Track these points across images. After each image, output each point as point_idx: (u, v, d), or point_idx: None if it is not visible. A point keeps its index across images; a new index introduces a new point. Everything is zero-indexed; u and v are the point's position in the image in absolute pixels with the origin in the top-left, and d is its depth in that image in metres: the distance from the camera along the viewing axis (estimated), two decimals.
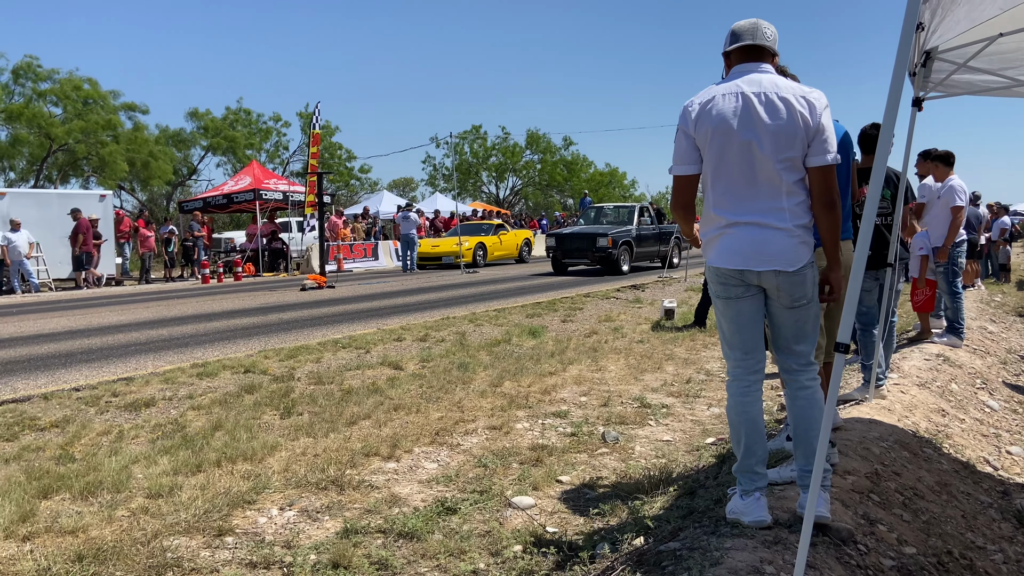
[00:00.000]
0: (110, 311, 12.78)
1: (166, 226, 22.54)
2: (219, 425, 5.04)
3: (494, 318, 10.36)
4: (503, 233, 24.63)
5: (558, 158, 51.74)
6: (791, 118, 2.77)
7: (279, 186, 24.68)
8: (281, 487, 3.97)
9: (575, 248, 18.77)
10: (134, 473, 4.14)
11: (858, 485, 3.34)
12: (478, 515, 3.62)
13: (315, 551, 3.22)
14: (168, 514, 3.56)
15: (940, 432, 4.67)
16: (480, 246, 23.28)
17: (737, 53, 2.92)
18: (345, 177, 44.03)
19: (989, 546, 3.40)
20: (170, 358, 7.87)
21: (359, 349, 8.01)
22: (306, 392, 6.04)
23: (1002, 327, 9.50)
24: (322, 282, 16.46)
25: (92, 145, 29.42)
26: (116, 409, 5.66)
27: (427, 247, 23.37)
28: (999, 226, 17.18)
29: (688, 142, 2.89)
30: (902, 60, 2.07)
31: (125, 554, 3.14)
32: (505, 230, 25.09)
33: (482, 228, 24.97)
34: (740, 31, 2.91)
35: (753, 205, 2.81)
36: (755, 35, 2.87)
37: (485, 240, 23.62)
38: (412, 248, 22.24)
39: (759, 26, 2.90)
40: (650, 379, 6.58)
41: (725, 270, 2.87)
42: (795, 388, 2.94)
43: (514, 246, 24.92)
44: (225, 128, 36.28)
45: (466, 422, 5.19)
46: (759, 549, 2.53)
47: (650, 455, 4.53)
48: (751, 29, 2.89)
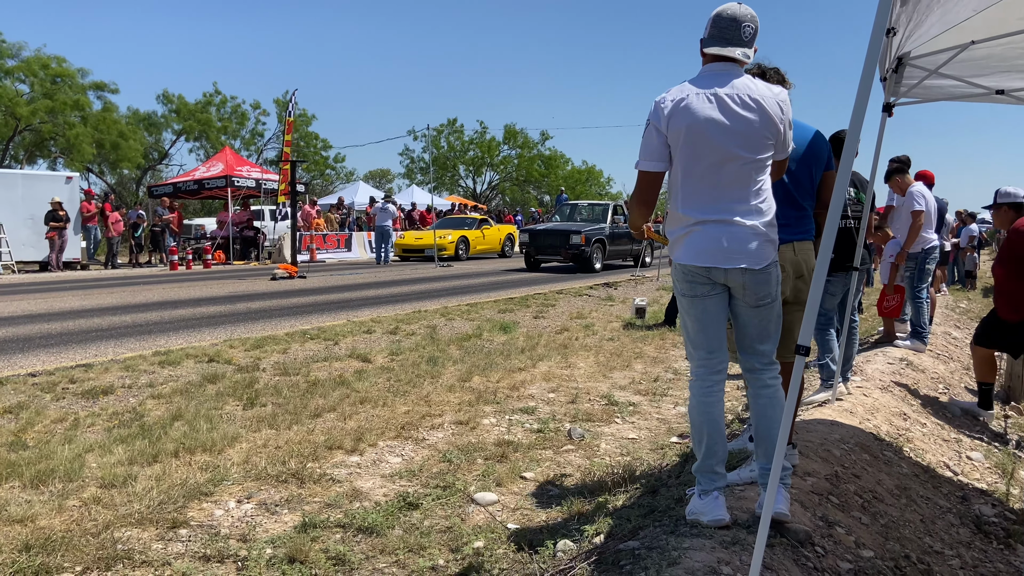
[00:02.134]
0: (73, 295, 12.52)
1: (135, 211, 22.11)
2: (179, 415, 4.93)
3: (466, 312, 10.32)
4: (486, 228, 24.89)
5: (535, 154, 51.73)
6: (764, 119, 2.77)
7: (252, 173, 24.36)
8: (240, 479, 3.89)
9: (548, 245, 18.77)
10: (88, 462, 4.03)
11: (818, 487, 3.35)
12: (440, 511, 3.58)
13: (271, 545, 3.15)
14: (121, 505, 3.47)
15: (901, 436, 4.72)
16: (463, 240, 23.48)
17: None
18: (320, 166, 43.63)
19: (947, 551, 3.44)
20: (132, 345, 7.71)
21: (327, 341, 7.92)
22: (271, 383, 5.95)
23: (966, 333, 9.66)
24: (293, 272, 16.29)
25: (59, 126, 28.80)
26: (73, 396, 5.52)
27: (411, 239, 23.43)
28: (967, 233, 17.49)
29: (659, 139, 2.87)
30: (871, 64, 2.06)
31: (74, 545, 3.06)
32: (488, 224, 25.32)
33: (465, 222, 25.24)
34: (720, 27, 2.85)
35: (721, 204, 2.81)
36: (732, 39, 2.84)
37: (468, 234, 23.84)
38: (387, 241, 22.02)
39: (740, 24, 2.82)
40: (619, 377, 6.58)
41: (692, 268, 2.86)
42: (758, 387, 2.95)
43: (497, 241, 25.01)
44: (198, 111, 35.72)
45: (433, 416, 5.15)
46: (717, 549, 2.52)
47: (615, 452, 4.52)
48: (731, 28, 2.84)
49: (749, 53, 2.86)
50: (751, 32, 2.86)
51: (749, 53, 2.86)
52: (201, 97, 36.56)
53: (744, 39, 2.84)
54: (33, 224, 19.13)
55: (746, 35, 2.85)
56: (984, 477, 4.63)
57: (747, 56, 2.85)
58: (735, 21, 2.84)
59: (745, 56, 2.84)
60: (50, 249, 19.16)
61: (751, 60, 2.88)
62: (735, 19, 2.84)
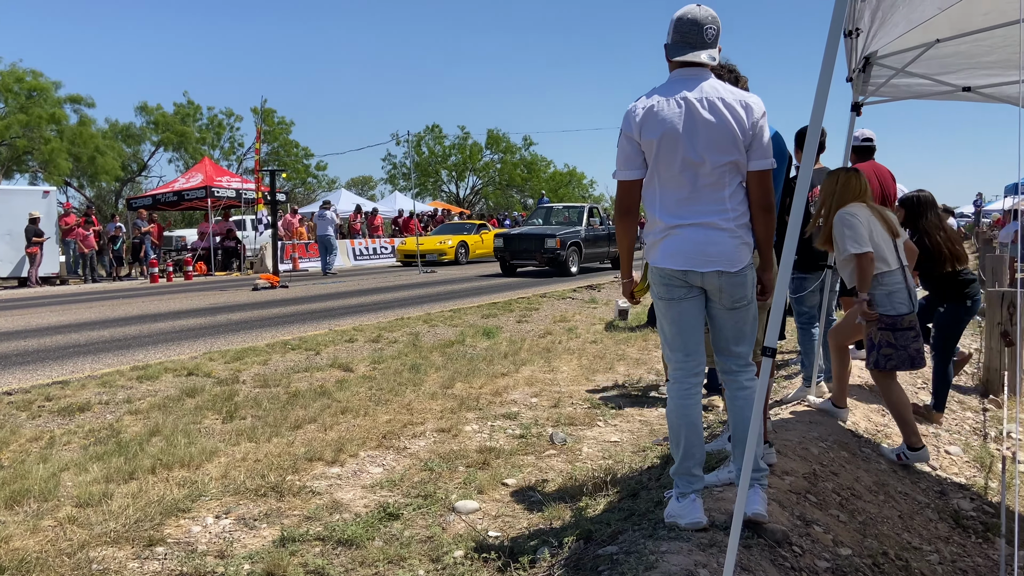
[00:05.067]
0: (50, 311, 12.37)
1: (113, 223, 21.90)
2: (156, 430, 4.88)
3: (449, 319, 10.30)
4: (485, 232, 25.35)
5: (518, 158, 51.82)
6: (733, 122, 2.79)
7: (232, 183, 24.22)
8: (218, 494, 3.85)
9: (523, 249, 18.56)
10: (63, 481, 3.98)
11: (796, 486, 3.36)
12: (420, 520, 3.56)
13: (249, 560, 3.12)
14: (97, 524, 3.43)
15: (880, 432, 4.75)
16: (462, 244, 24.03)
17: None
18: (302, 175, 43.45)
19: (925, 547, 3.46)
20: (109, 360, 7.63)
21: (309, 351, 7.87)
22: (251, 395, 5.91)
23: None
24: (275, 282, 16.19)
25: (35, 140, 28.52)
26: (49, 414, 5.45)
27: (411, 245, 23.55)
28: None
29: (632, 147, 2.88)
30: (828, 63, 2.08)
31: (49, 565, 3.02)
32: (487, 229, 25.85)
33: (464, 227, 25.83)
34: (683, 31, 2.86)
35: (697, 208, 2.83)
36: (695, 43, 2.85)
37: (467, 239, 24.43)
38: (331, 251, 21.12)
39: (702, 27, 2.84)
40: (601, 379, 6.59)
41: (668, 271, 2.87)
42: (734, 389, 2.96)
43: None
44: (176, 123, 35.49)
45: (415, 424, 5.13)
46: (694, 552, 2.53)
47: (597, 456, 4.52)
48: (693, 32, 2.85)
49: (714, 54, 2.87)
50: (713, 33, 2.87)
51: (714, 54, 2.87)
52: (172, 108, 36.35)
53: (707, 41, 2.86)
54: (11, 240, 18.90)
55: (709, 37, 2.86)
56: (963, 471, 4.67)
57: (712, 58, 2.86)
58: (696, 24, 2.86)
59: (711, 58, 2.86)
60: (30, 264, 18.95)
61: (716, 61, 2.90)
62: (696, 22, 2.86)
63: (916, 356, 4.15)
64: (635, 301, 3.46)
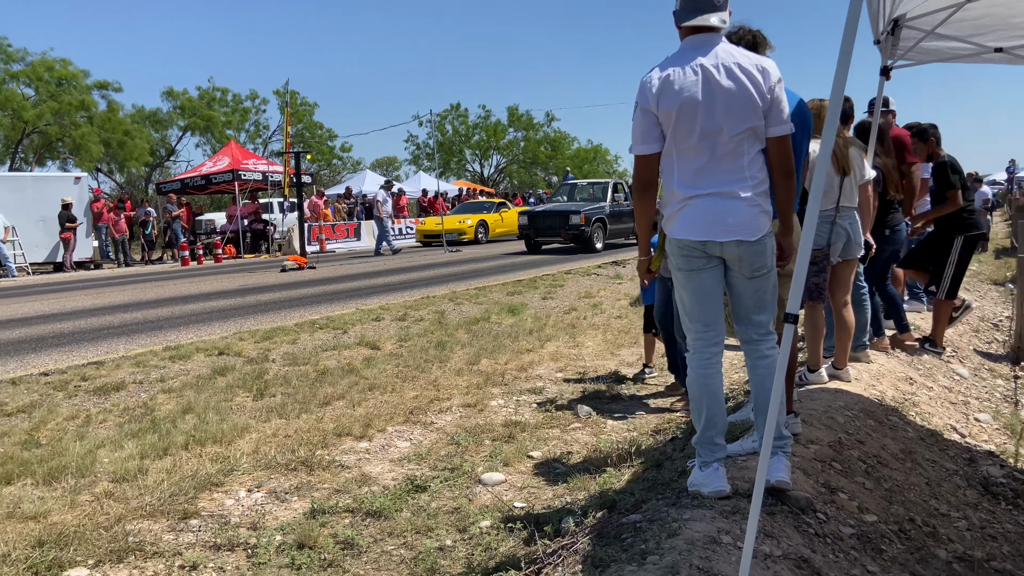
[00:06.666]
0: (85, 295, 12.64)
1: (143, 208, 22.22)
2: (189, 408, 4.99)
3: (474, 296, 10.33)
4: (504, 210, 25.05)
5: (541, 135, 51.43)
6: (751, 87, 2.75)
7: (258, 166, 24.39)
8: (250, 469, 3.94)
9: (547, 226, 18.42)
10: (100, 458, 4.10)
11: (820, 454, 3.35)
12: (447, 492, 3.62)
13: (281, 532, 3.20)
14: (132, 498, 3.53)
15: (907, 400, 4.70)
16: (482, 223, 23.68)
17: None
18: (327, 156, 43.59)
19: (953, 513, 3.43)
20: (142, 341, 7.79)
21: (336, 330, 7.96)
22: (280, 373, 6.00)
23: (976, 296, 9.58)
24: (302, 263, 16.34)
25: (65, 127, 28.94)
26: (85, 393, 5.60)
27: (431, 225, 23.47)
28: (980, 196, 17.35)
29: (649, 120, 2.84)
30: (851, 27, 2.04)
31: (87, 538, 3.12)
32: (507, 207, 25.43)
33: (484, 206, 25.42)
34: None
35: (715, 177, 2.79)
36: (704, 6, 2.78)
37: (487, 217, 24.05)
38: (386, 232, 20.97)
39: None
40: (626, 354, 6.59)
41: (688, 242, 2.85)
42: (755, 358, 2.95)
43: (515, 223, 24.94)
44: (202, 108, 35.75)
45: (441, 400, 5.18)
46: (717, 519, 2.54)
47: (621, 429, 4.54)
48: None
49: (725, 17, 2.81)
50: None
51: (725, 17, 2.81)
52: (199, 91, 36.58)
53: (717, 4, 2.79)
54: (44, 226, 19.27)
55: (719, 1, 2.81)
56: (992, 439, 4.62)
57: (723, 21, 2.81)
58: None
59: (721, 21, 2.80)
60: (64, 249, 19.33)
61: (728, 24, 2.84)
62: None
63: (813, 289, 4.28)
64: (652, 277, 3.43)
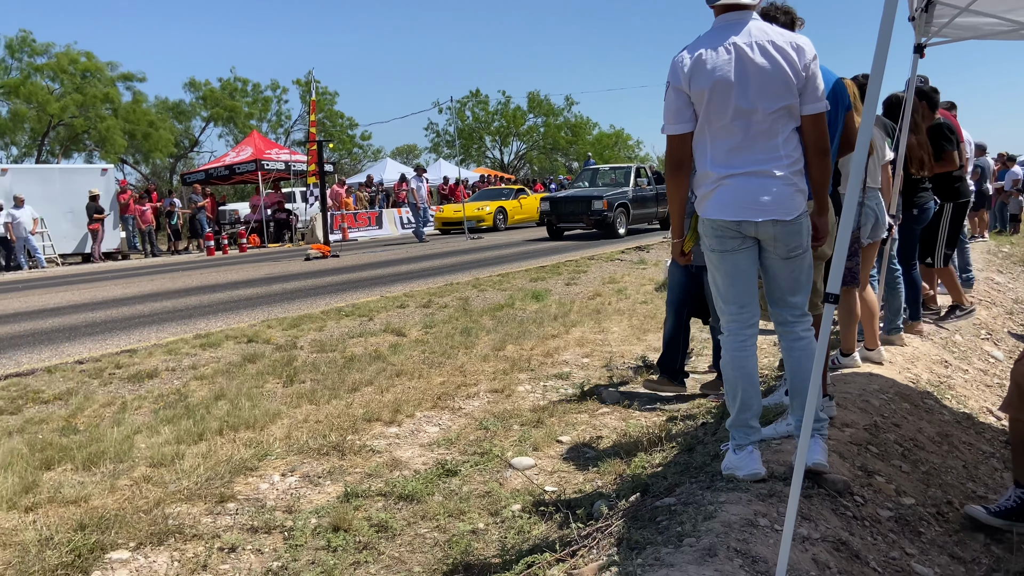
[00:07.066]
0: (115, 285, 12.82)
1: (169, 199, 22.47)
2: (221, 394, 5.06)
3: (498, 283, 10.34)
4: (523, 197, 25.02)
5: (561, 120, 51.15)
6: (786, 66, 2.71)
7: (281, 156, 24.55)
8: (283, 454, 3.99)
9: (570, 212, 18.30)
10: (137, 443, 4.17)
11: (856, 437, 3.32)
12: (478, 476, 3.63)
13: (316, 515, 3.24)
14: (170, 482, 3.59)
15: (942, 383, 4.64)
16: (500, 210, 23.71)
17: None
18: (348, 145, 43.74)
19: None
20: (173, 329, 7.89)
21: (362, 317, 8.01)
22: (309, 360, 6.06)
23: (1009, 278, 9.42)
24: (326, 251, 16.45)
25: (91, 119, 29.27)
26: (119, 381, 5.69)
27: (449, 212, 23.51)
28: (1010, 177, 17.00)
29: (681, 99, 2.82)
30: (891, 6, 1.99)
31: (127, 521, 3.17)
32: (525, 194, 25.41)
33: (502, 192, 25.47)
34: None
35: (749, 156, 2.76)
36: None
37: (505, 204, 24.10)
38: (419, 217, 20.88)
39: None
40: (653, 339, 6.56)
41: (722, 222, 2.82)
42: (791, 340, 2.92)
43: (534, 209, 24.82)
44: (224, 98, 35.99)
45: (468, 386, 5.20)
46: (753, 502, 2.52)
47: (650, 414, 4.52)
48: None
49: None
50: None
51: None
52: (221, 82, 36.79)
53: None
54: (73, 217, 19.56)
55: None
56: None
57: None
58: None
59: None
60: (92, 240, 19.62)
61: (759, 1, 2.80)
62: None
63: (846, 273, 4.16)
64: (688, 260, 3.38)
